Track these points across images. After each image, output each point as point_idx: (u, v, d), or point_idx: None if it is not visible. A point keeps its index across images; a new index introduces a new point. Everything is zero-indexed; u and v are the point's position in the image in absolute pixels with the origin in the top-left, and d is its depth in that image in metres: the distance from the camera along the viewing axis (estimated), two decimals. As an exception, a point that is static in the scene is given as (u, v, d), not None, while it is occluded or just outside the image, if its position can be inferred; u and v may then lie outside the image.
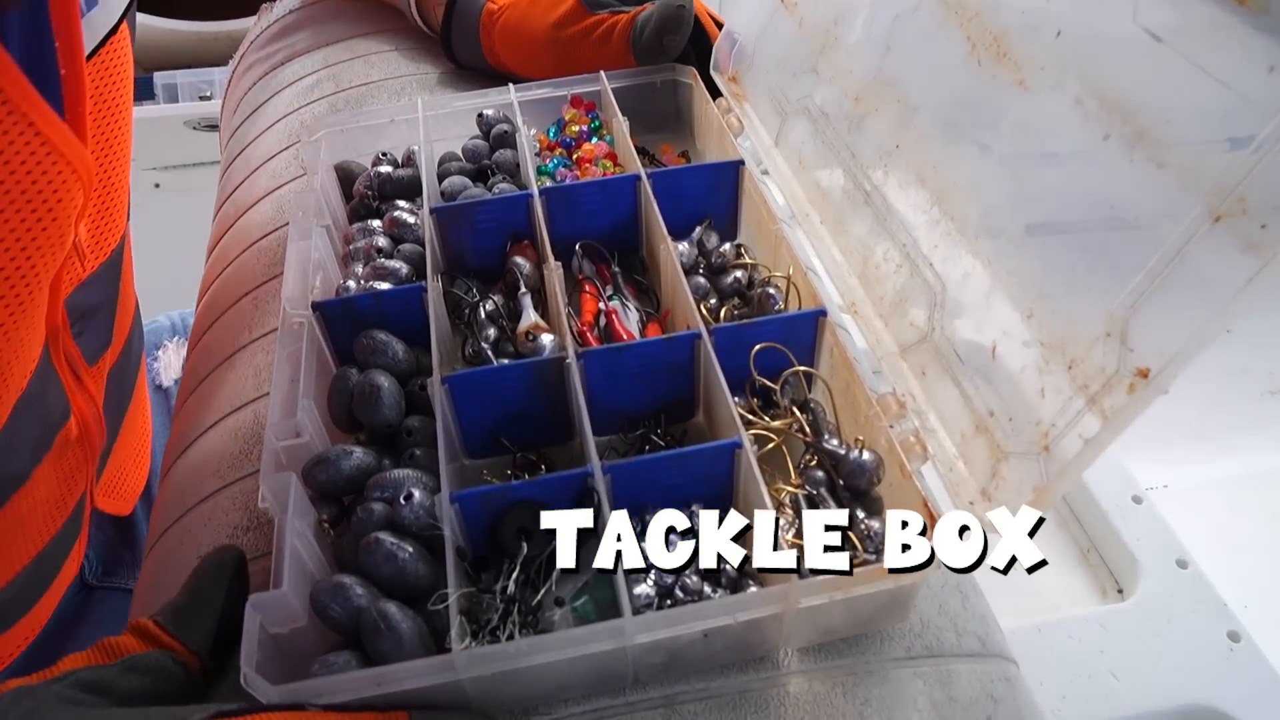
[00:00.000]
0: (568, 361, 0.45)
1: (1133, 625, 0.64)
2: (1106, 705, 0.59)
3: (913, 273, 0.47)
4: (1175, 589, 0.66)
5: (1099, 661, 0.61)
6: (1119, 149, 0.38)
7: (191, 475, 0.56)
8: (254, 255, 0.67)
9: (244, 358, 0.60)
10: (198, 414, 0.59)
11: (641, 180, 0.55)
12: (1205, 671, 0.62)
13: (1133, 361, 0.36)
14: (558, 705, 0.40)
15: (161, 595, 0.51)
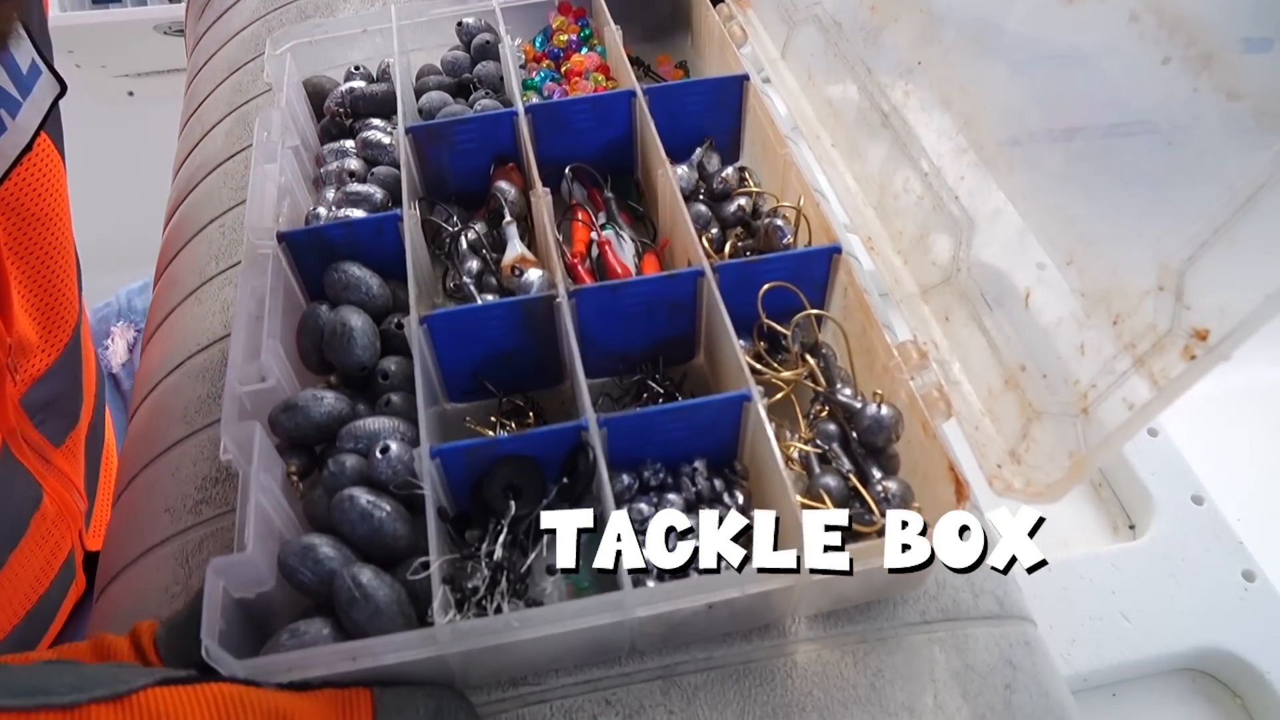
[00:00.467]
0: (558, 300, 0.42)
1: (1145, 565, 0.62)
2: (1118, 649, 0.57)
3: (936, 206, 0.44)
4: (1190, 526, 0.64)
5: (1110, 603, 0.59)
6: (1181, 75, 0.34)
7: (159, 418, 0.53)
8: (219, 179, 0.63)
9: (211, 291, 0.56)
10: (164, 352, 0.56)
11: (637, 97, 0.51)
12: (1219, 613, 0.60)
13: (1189, 321, 0.32)
14: (548, 676, 0.38)
15: (125, 551, 0.48)
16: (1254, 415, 0.84)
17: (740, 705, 0.37)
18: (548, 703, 0.38)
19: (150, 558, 0.47)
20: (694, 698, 0.38)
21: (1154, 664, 0.60)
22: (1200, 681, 0.61)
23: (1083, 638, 0.60)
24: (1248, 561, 0.63)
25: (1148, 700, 0.60)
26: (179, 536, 0.46)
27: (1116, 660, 0.59)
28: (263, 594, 0.37)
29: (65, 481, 0.60)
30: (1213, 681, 0.61)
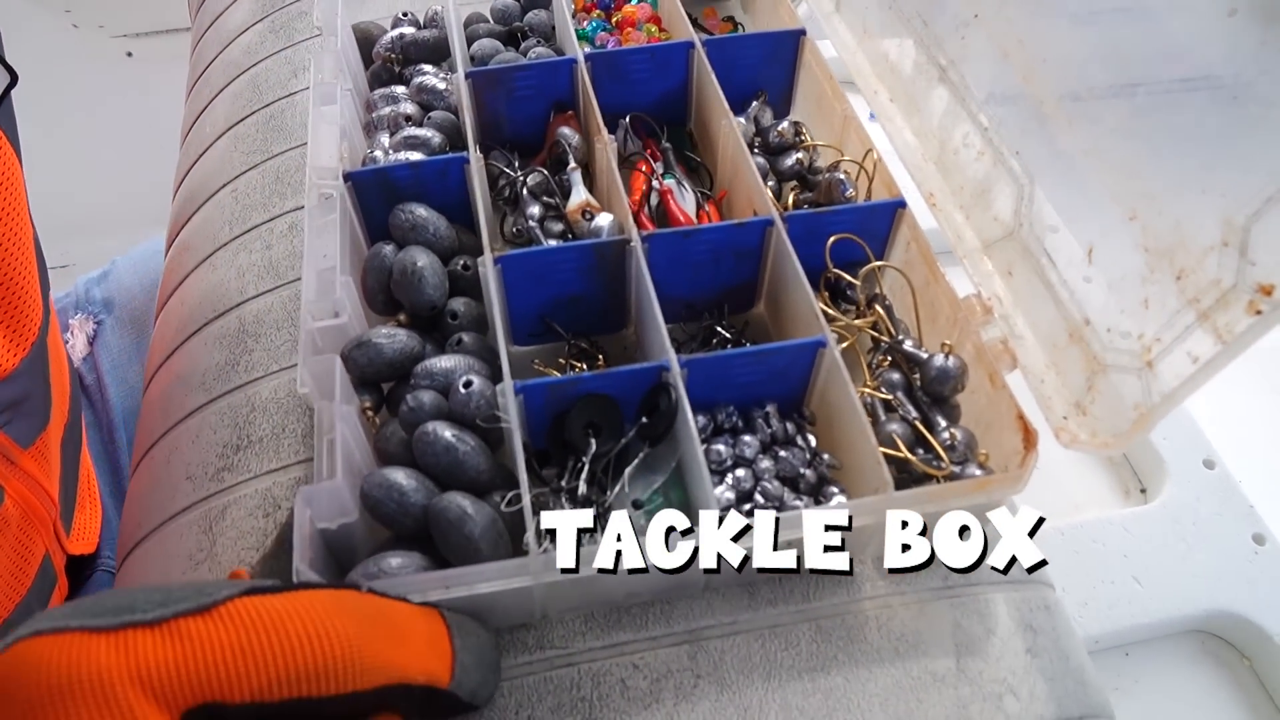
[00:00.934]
0: (631, 244, 0.43)
1: (1156, 528, 0.65)
2: (1129, 612, 0.60)
3: (996, 160, 0.45)
4: (1201, 490, 0.67)
5: (1122, 566, 0.62)
6: (1249, 26, 0.35)
7: (176, 387, 0.53)
8: (230, 142, 0.63)
9: (225, 257, 0.57)
10: (179, 318, 0.57)
11: (696, 49, 0.52)
12: (1229, 576, 0.63)
13: (1254, 276, 0.34)
14: (575, 639, 0.40)
15: (147, 518, 0.49)
16: (1265, 379, 0.88)
17: (766, 669, 0.39)
18: (575, 666, 0.39)
19: (173, 525, 0.48)
20: (720, 661, 0.39)
21: (1164, 626, 0.63)
22: (1209, 643, 0.64)
23: (1095, 600, 0.62)
24: (1258, 525, 0.66)
25: (1158, 661, 0.63)
26: (202, 504, 0.47)
27: (1128, 623, 0.62)
28: (344, 525, 0.38)
29: (32, 484, 0.59)
30: (1222, 643, 0.64)
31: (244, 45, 0.69)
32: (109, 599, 0.31)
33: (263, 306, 0.52)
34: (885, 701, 0.38)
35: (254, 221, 0.57)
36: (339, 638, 0.29)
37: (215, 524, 0.45)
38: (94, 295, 0.85)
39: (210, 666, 0.28)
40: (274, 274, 0.54)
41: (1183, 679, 0.63)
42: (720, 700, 0.38)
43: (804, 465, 0.40)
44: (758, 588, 0.41)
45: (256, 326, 0.52)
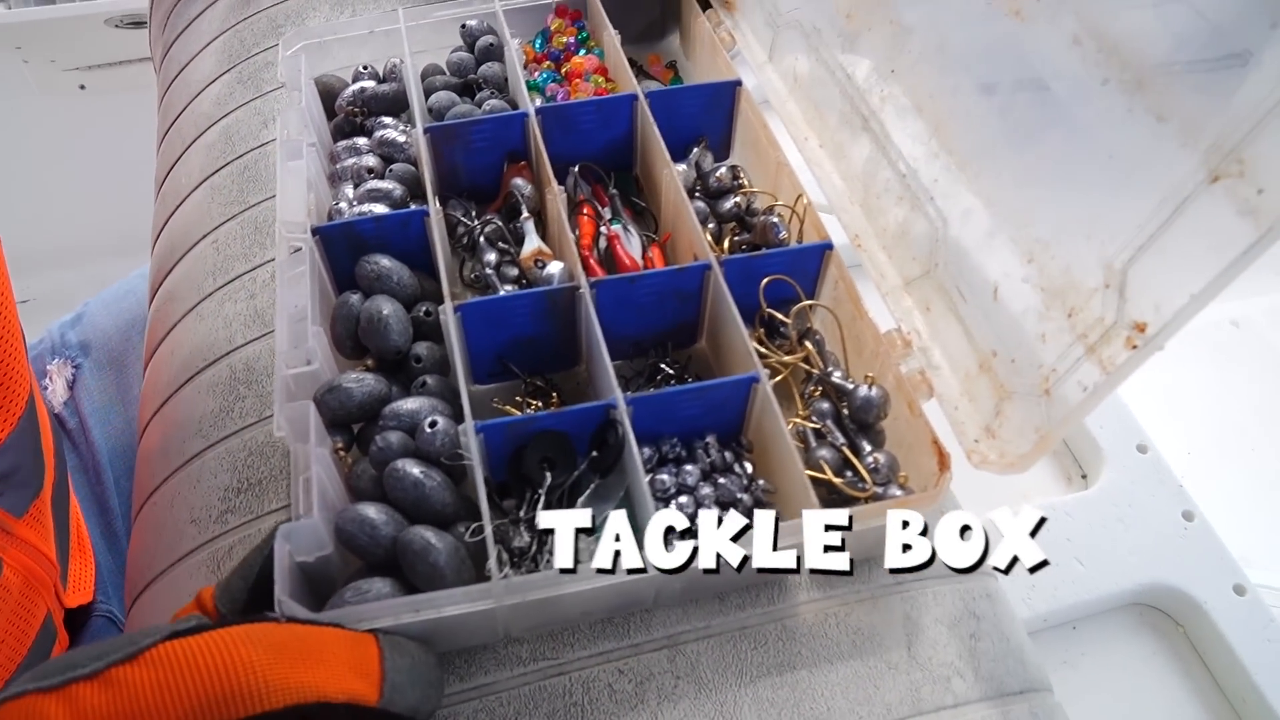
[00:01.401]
0: (580, 291, 0.48)
1: (1096, 511, 0.70)
2: (1073, 590, 0.65)
3: (914, 206, 0.50)
4: (1136, 474, 0.72)
5: (1066, 550, 0.67)
6: (1118, 95, 0.41)
7: (173, 434, 0.57)
8: (207, 194, 0.67)
9: (211, 307, 0.60)
10: (170, 367, 0.60)
11: (639, 100, 0.57)
12: (1162, 551, 0.68)
13: (1129, 314, 0.40)
14: (565, 649, 0.44)
15: (155, 561, 0.53)
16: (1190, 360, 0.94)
17: (738, 667, 0.44)
18: (566, 674, 0.43)
19: (181, 567, 0.51)
20: (697, 663, 0.44)
21: (1106, 601, 0.68)
22: (1147, 614, 0.70)
23: (1041, 582, 0.67)
24: (1187, 503, 0.72)
25: (1102, 634, 0.69)
26: (208, 545, 0.51)
27: (1072, 600, 0.67)
28: (320, 558, 0.43)
29: (30, 550, 0.61)
30: (1158, 614, 0.69)
31: (213, 96, 0.73)
32: (57, 661, 0.35)
33: (251, 354, 0.56)
34: (846, 689, 0.43)
35: (236, 271, 0.60)
36: (243, 664, 0.33)
37: (223, 564, 0.49)
38: (69, 339, 0.87)
39: (140, 706, 0.33)
40: (260, 322, 0.58)
41: (1125, 649, 0.68)
42: (699, 699, 0.42)
43: (741, 490, 0.45)
44: (727, 594, 0.45)
45: (247, 374, 0.56)
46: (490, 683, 0.43)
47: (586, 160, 0.59)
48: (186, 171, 0.70)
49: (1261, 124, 0.35)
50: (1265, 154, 0.35)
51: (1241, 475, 0.91)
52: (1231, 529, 0.70)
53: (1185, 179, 0.37)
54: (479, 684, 0.43)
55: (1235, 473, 0.91)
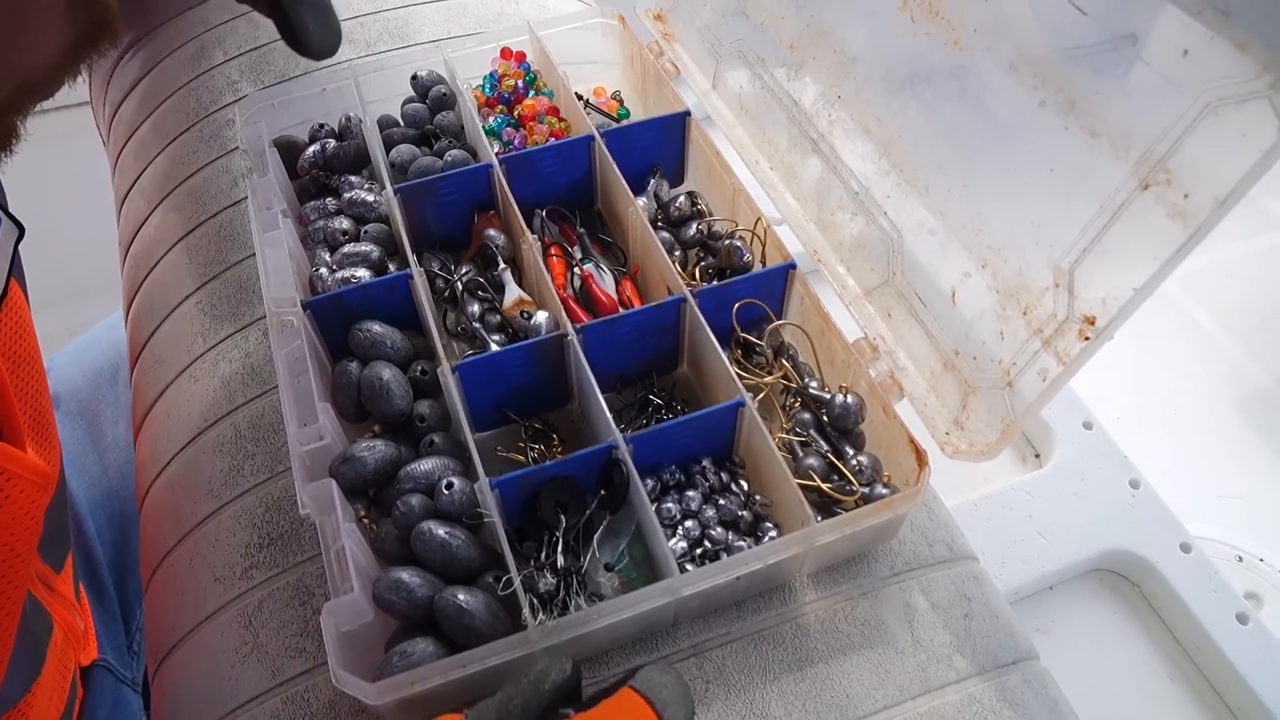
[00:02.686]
0: (569, 339, 0.50)
1: (1052, 487, 0.75)
2: (1039, 563, 0.70)
3: (868, 220, 0.53)
4: (1084, 449, 0.77)
5: (1028, 526, 0.72)
6: (1055, 115, 0.44)
7: (181, 496, 0.58)
8: (182, 255, 0.67)
9: (204, 368, 0.61)
10: (168, 431, 0.61)
11: (596, 140, 0.59)
12: (1114, 519, 0.74)
13: (1079, 309, 0.43)
14: (601, 666, 0.47)
15: (181, 621, 0.54)
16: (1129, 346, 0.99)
17: (761, 667, 0.47)
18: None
19: (210, 625, 0.53)
20: (723, 666, 0.47)
21: (1069, 570, 0.73)
22: (1106, 578, 0.75)
23: (1010, 559, 0.72)
24: (1133, 472, 0.77)
25: (1068, 600, 0.73)
26: (236, 602, 0.52)
27: (1039, 573, 0.72)
28: (363, 625, 0.45)
29: (67, 604, 0.62)
30: (1116, 577, 0.74)
31: (175, 156, 0.73)
32: None
33: (255, 412, 0.58)
34: (861, 676, 0.47)
35: (226, 332, 0.61)
36: None
37: (254, 618, 0.51)
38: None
39: None
40: (259, 380, 0.59)
41: (1089, 612, 0.73)
42: (729, 699, 0.45)
43: (741, 508, 0.48)
44: (744, 602, 0.48)
45: (253, 432, 0.57)
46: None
47: (549, 201, 0.61)
48: (157, 233, 0.70)
49: (1183, 138, 0.38)
50: (1188, 164, 0.38)
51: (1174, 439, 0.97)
52: (1172, 491, 0.75)
53: (1119, 187, 0.41)
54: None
55: (1168, 437, 0.97)
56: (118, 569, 0.87)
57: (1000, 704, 0.47)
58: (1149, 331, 1.27)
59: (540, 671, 0.38)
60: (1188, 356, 1.27)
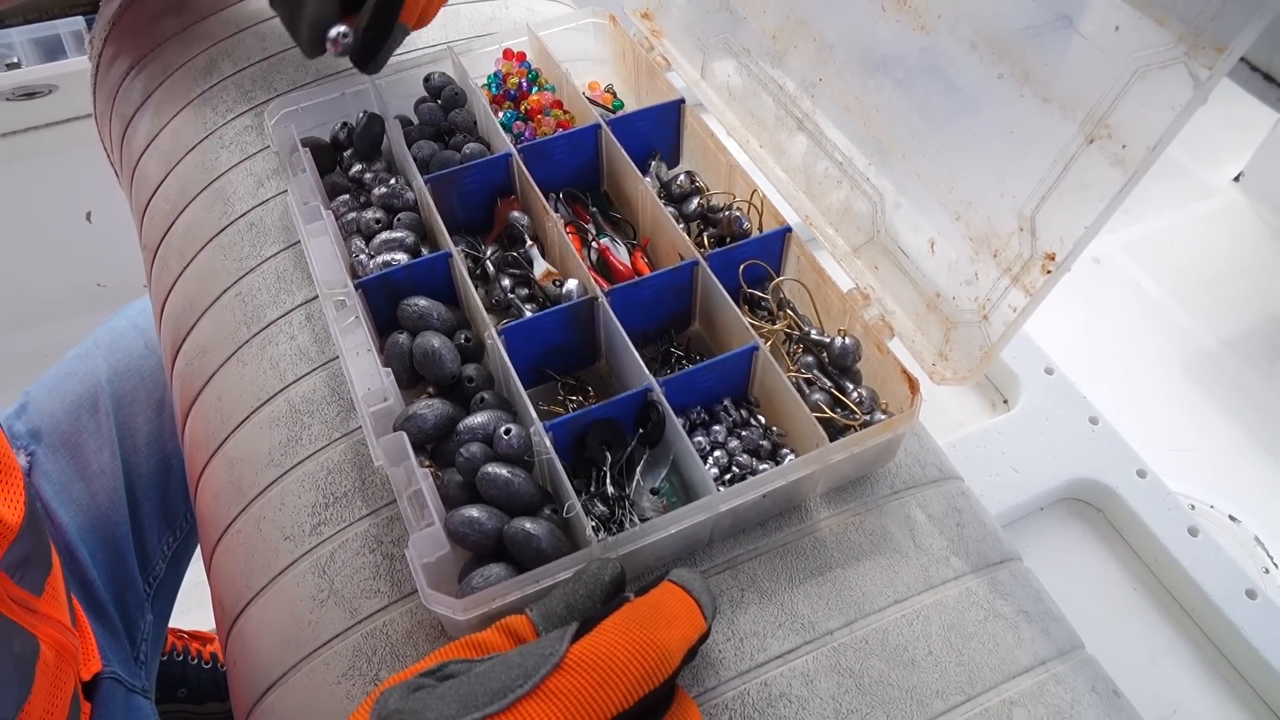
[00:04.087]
0: (598, 301, 0.58)
1: (1020, 427, 0.84)
2: (1014, 493, 0.79)
3: (853, 187, 0.62)
4: (1047, 392, 0.87)
5: (1002, 461, 0.81)
6: (1011, 85, 0.53)
7: (242, 469, 0.64)
8: (216, 253, 0.74)
9: (251, 353, 0.68)
10: (219, 412, 0.67)
11: (602, 129, 0.67)
12: (1077, 452, 0.83)
13: (1041, 248, 0.52)
14: (646, 579, 0.54)
15: (253, 580, 0.60)
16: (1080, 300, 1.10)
17: (787, 575, 0.55)
18: None
19: (286, 577, 0.59)
20: (755, 576, 0.55)
21: (1040, 499, 0.82)
22: (1073, 506, 0.84)
23: (987, 491, 0.81)
24: (1091, 410, 0.86)
25: (1040, 526, 0.83)
26: (308, 555, 0.59)
27: (1013, 503, 0.81)
28: (440, 556, 0.52)
29: (56, 625, 0.67)
30: (1081, 504, 0.84)
31: (197, 162, 0.79)
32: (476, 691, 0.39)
33: (307, 388, 0.64)
34: (873, 578, 0.55)
35: (270, 318, 0.68)
36: (648, 644, 0.40)
37: (327, 567, 0.57)
38: (18, 429, 0.91)
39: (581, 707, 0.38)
40: (306, 359, 0.65)
41: (1059, 536, 0.83)
42: (763, 604, 0.53)
43: (760, 438, 0.56)
44: (766, 524, 0.56)
45: (306, 405, 0.63)
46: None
47: (560, 184, 0.68)
48: (188, 233, 0.76)
49: (1118, 99, 0.47)
50: (1124, 121, 0.47)
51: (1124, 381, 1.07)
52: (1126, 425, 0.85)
53: (1068, 143, 0.50)
54: (585, 629, 0.53)
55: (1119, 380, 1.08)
56: (115, 588, 0.91)
57: (993, 595, 0.55)
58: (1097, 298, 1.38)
59: (598, 566, 0.46)
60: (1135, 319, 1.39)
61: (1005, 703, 0.52)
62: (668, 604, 0.44)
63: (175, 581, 1.01)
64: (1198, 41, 0.44)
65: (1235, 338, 1.42)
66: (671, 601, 0.44)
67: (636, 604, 0.43)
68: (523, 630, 0.44)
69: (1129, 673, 0.70)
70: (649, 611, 0.43)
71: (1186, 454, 1.34)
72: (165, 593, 0.99)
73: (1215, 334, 1.41)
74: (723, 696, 0.51)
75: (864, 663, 0.52)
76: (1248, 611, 0.74)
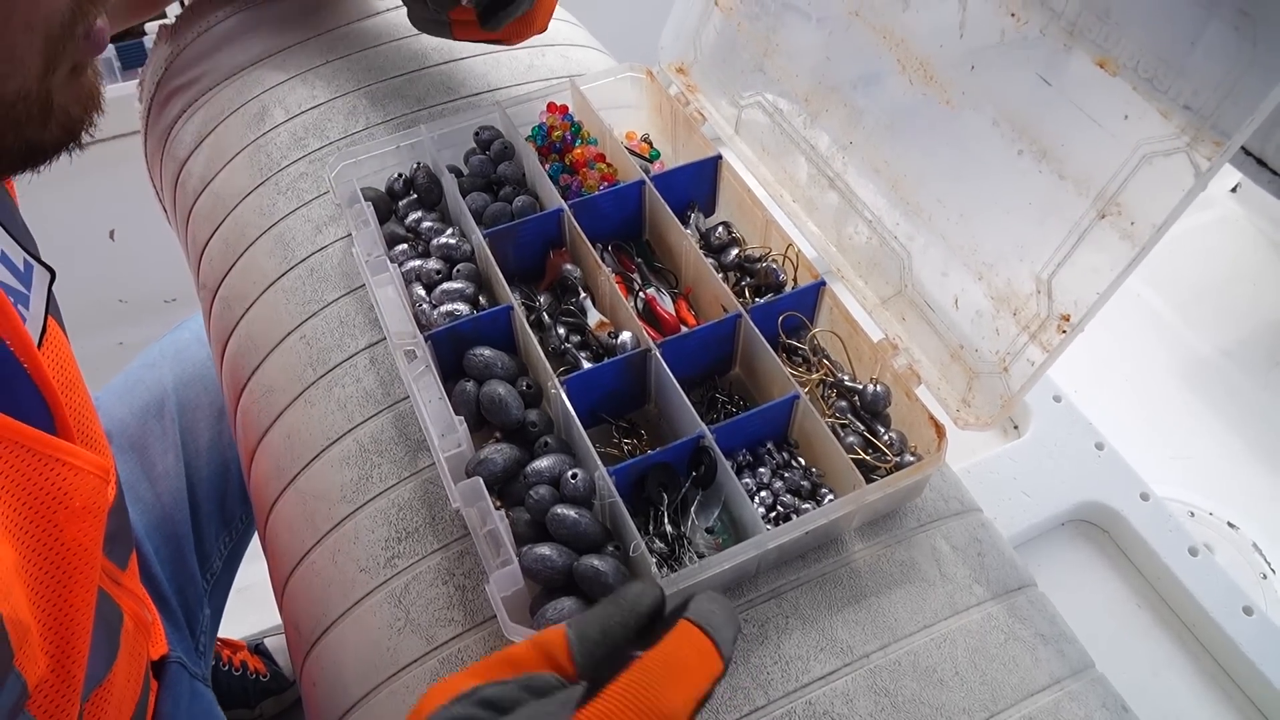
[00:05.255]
0: (651, 353, 0.65)
1: (1031, 453, 0.92)
2: (1025, 517, 0.86)
3: (881, 244, 0.69)
4: (1055, 419, 0.94)
5: (1014, 486, 0.88)
6: (1030, 160, 0.60)
7: (315, 504, 0.70)
8: (279, 296, 0.80)
9: (318, 394, 0.74)
10: (290, 449, 0.74)
11: (647, 184, 0.73)
12: (1084, 476, 0.90)
13: (1057, 309, 0.59)
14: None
15: (330, 609, 0.67)
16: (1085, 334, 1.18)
17: (826, 603, 0.62)
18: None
19: (362, 607, 0.65)
20: (797, 604, 0.62)
21: (1050, 522, 0.90)
22: (1080, 527, 0.92)
23: (1000, 515, 0.89)
24: (1096, 436, 0.94)
25: (1050, 548, 0.90)
26: (384, 586, 0.65)
27: (1025, 525, 0.88)
28: (516, 591, 0.59)
29: (135, 599, 0.74)
30: (1089, 525, 0.91)
31: (255, 207, 0.85)
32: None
33: (375, 428, 0.71)
34: (904, 605, 0.62)
35: (335, 361, 0.74)
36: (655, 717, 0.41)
37: (403, 598, 0.64)
38: None
39: None
40: (373, 401, 0.72)
41: (1067, 557, 0.90)
42: (805, 630, 0.60)
43: (801, 479, 0.63)
44: (806, 556, 0.63)
45: (375, 445, 0.70)
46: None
47: (604, 234, 0.75)
48: (247, 276, 0.83)
49: (1128, 180, 0.54)
50: (1133, 200, 0.54)
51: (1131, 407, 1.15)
52: (1131, 450, 0.93)
53: (1082, 216, 0.57)
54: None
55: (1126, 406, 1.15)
56: (177, 583, 1.00)
57: (1012, 620, 0.63)
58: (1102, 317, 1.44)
59: (638, 593, 0.46)
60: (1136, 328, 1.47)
61: (1025, 719, 0.59)
62: (681, 654, 0.43)
63: (229, 580, 1.10)
64: (1199, 134, 0.51)
65: (1233, 346, 1.50)
66: (686, 650, 0.43)
67: (646, 661, 0.42)
68: (556, 647, 0.45)
69: (1134, 686, 0.77)
70: (659, 669, 0.42)
71: (1186, 461, 1.42)
72: (220, 590, 1.08)
73: (1214, 343, 1.49)
74: (771, 715, 0.58)
75: (898, 683, 0.59)
76: (1244, 627, 0.82)
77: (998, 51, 0.61)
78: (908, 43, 0.66)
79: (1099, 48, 0.55)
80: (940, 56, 0.64)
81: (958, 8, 0.62)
